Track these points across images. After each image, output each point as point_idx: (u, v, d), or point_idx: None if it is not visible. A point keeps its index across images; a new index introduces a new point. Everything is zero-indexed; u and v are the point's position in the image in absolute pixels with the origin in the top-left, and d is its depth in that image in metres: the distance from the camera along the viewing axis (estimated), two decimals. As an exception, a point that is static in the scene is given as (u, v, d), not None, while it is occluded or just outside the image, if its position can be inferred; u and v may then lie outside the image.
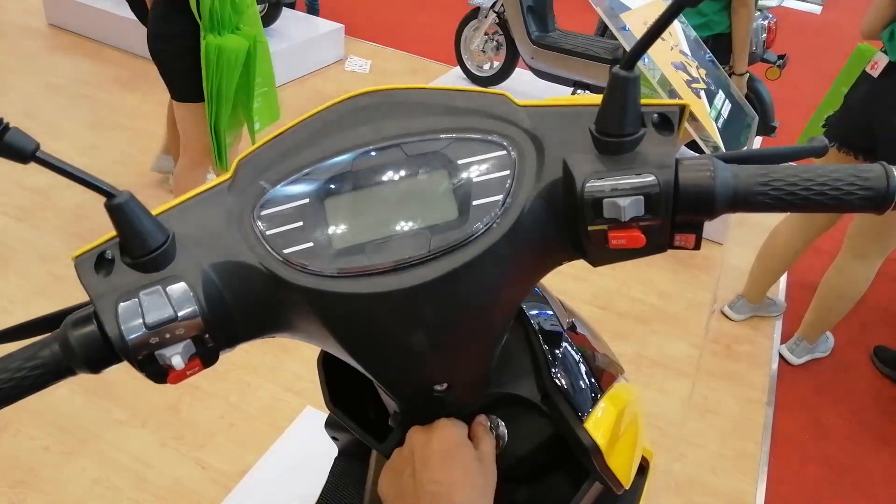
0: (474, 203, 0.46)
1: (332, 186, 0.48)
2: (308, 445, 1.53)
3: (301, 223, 0.47)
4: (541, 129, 0.49)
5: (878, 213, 0.44)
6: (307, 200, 0.48)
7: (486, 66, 3.94)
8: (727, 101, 1.05)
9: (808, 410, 2.29)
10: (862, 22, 1.99)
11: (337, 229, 0.47)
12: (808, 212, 0.46)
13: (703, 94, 0.98)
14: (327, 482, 0.96)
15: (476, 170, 0.47)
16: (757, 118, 1.21)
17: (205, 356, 0.47)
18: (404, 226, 0.46)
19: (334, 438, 0.93)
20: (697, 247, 0.48)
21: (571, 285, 2.68)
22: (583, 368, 0.62)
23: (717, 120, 0.99)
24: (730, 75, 2.57)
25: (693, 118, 1.02)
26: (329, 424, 0.90)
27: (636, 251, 0.47)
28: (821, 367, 2.45)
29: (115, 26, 3.97)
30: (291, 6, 4.40)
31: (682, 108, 0.47)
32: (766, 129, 2.99)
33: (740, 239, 3.06)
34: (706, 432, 2.15)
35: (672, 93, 0.99)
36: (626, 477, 0.64)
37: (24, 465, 1.81)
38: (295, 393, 2.07)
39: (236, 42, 1.93)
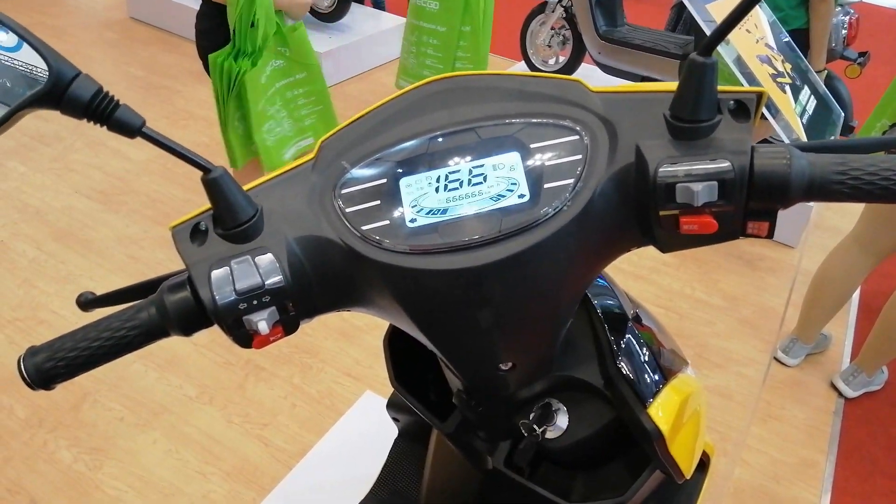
0: (545, 186, 0.47)
1: (408, 167, 0.50)
2: (367, 428, 1.57)
3: (378, 202, 0.49)
4: (614, 115, 0.49)
5: None
6: (384, 181, 0.50)
7: (552, 61, 3.91)
8: (812, 97, 1.02)
9: (878, 422, 2.20)
10: None
11: (411, 208, 0.49)
12: (885, 202, 0.45)
13: (787, 88, 0.95)
14: (387, 462, 0.98)
15: (548, 154, 0.48)
16: (843, 116, 1.17)
17: (287, 324, 0.50)
18: (476, 207, 0.48)
19: (395, 420, 0.95)
20: (770, 235, 0.47)
21: (633, 284, 2.64)
22: (646, 357, 0.62)
23: (801, 116, 0.97)
24: (807, 72, 2.48)
25: (778, 114, 1.00)
26: (391, 405, 0.92)
27: (708, 237, 0.47)
28: (895, 379, 2.34)
29: (192, 20, 4.12)
30: (360, 1, 4.48)
31: (760, 95, 0.47)
32: (844, 128, 2.87)
33: (814, 242, 2.94)
34: (769, 439, 2.09)
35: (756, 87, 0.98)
36: (687, 466, 0.64)
37: (101, 434, 1.92)
38: (354, 378, 2.12)
39: (234, 67, 1.90)
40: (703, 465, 0.84)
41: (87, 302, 0.56)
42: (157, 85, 3.82)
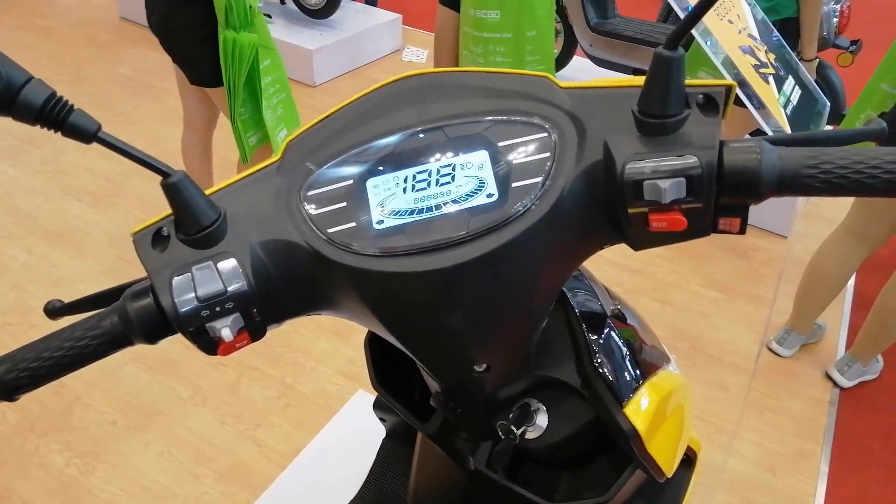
0: (514, 185, 0.46)
1: (375, 168, 0.49)
2: (359, 427, 1.56)
3: (345, 203, 0.48)
4: (582, 111, 0.48)
5: None
6: (351, 182, 0.49)
7: (543, 55, 3.89)
8: (797, 87, 1.01)
9: (874, 412, 2.20)
10: None
11: (378, 209, 0.48)
12: (860, 196, 0.43)
13: (771, 79, 0.94)
14: (375, 463, 0.97)
15: (516, 152, 0.47)
16: (829, 106, 1.16)
17: (253, 330, 0.49)
18: (444, 207, 0.47)
19: (382, 420, 0.94)
20: (742, 231, 0.47)
21: (628, 277, 2.64)
22: (625, 355, 0.62)
23: (785, 106, 0.96)
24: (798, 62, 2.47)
25: (761, 105, 0.99)
26: (377, 406, 0.91)
27: (678, 234, 0.46)
28: (891, 366, 2.34)
29: (181, 19, 4.10)
30: (350, -3, 4.46)
31: (728, 88, 0.46)
32: (836, 117, 2.86)
33: (806, 232, 2.94)
34: (765, 430, 2.09)
35: (738, 77, 0.96)
36: (668, 465, 0.63)
37: (93, 438, 1.91)
38: (348, 377, 2.12)
39: (248, 38, 1.92)
40: (690, 460, 0.84)
41: (54, 310, 0.55)
42: (147, 84, 3.80)
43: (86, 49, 4.19)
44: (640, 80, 0.47)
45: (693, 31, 1.07)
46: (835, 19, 2.72)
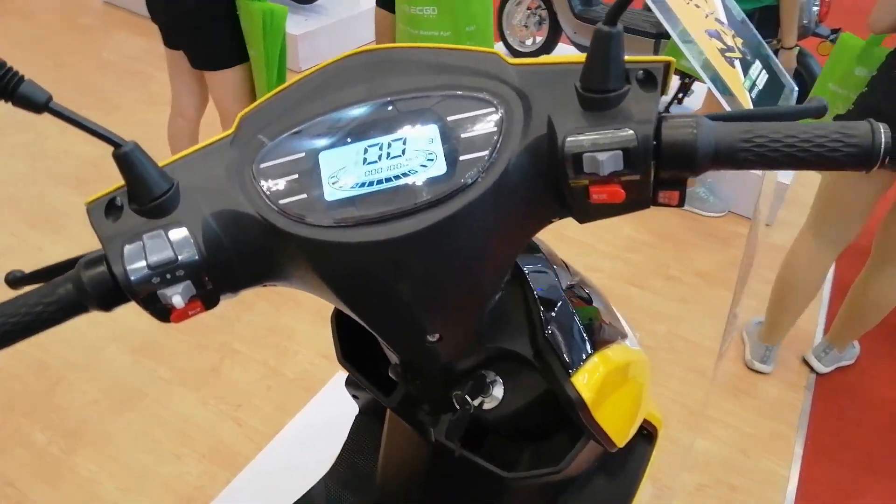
0: (461, 158, 0.48)
1: (327, 141, 0.50)
2: (338, 407, 1.58)
3: (296, 176, 0.49)
4: (529, 87, 0.50)
5: (864, 170, 0.44)
6: (302, 154, 0.50)
7: (529, 42, 3.90)
8: (764, 71, 1.04)
9: (848, 397, 2.24)
10: (872, 15, 1.73)
11: (330, 182, 0.49)
12: (792, 169, 0.45)
13: (737, 63, 0.96)
14: (347, 439, 0.99)
15: (464, 126, 0.49)
16: (796, 90, 1.18)
17: (205, 298, 0.50)
18: (394, 180, 0.48)
19: (355, 397, 0.95)
20: (681, 204, 0.48)
21: (608, 263, 2.66)
22: (577, 328, 0.63)
23: (751, 90, 0.98)
24: (777, 50, 2.48)
25: (728, 92, 1.01)
26: (349, 383, 0.92)
27: (618, 206, 0.48)
28: (867, 352, 2.38)
29: (166, 3, 4.07)
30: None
31: (667, 64, 0.47)
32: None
33: (785, 219, 2.98)
34: (739, 413, 2.12)
35: (705, 62, 0.98)
36: (618, 435, 0.65)
37: (75, 418, 1.92)
38: (329, 359, 2.13)
39: (281, 8, 1.96)
40: (651, 435, 0.86)
41: (15, 280, 0.56)
42: (131, 70, 3.78)
43: (67, 34, 4.15)
44: (584, 56, 0.48)
45: (661, 19, 1.09)
46: (815, 8, 2.75)
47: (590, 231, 2.83)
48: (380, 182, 0.48)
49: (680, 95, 3.21)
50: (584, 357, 0.61)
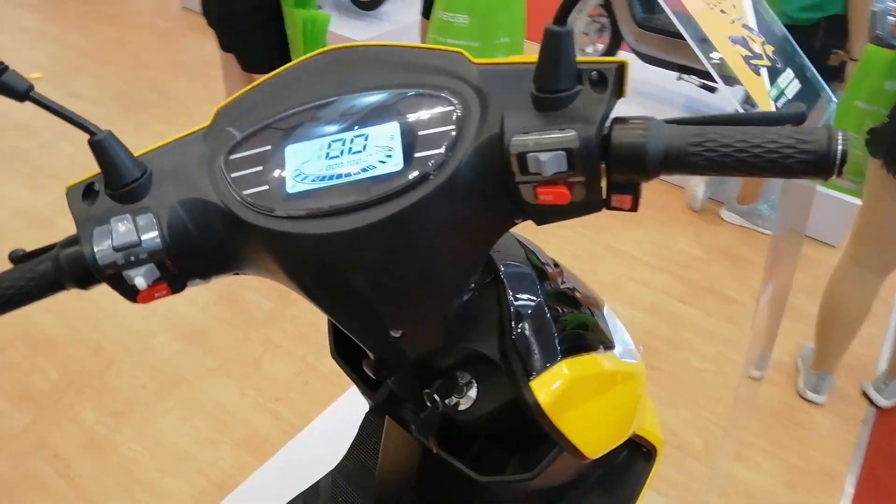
0: (417, 155, 0.49)
1: (292, 135, 0.52)
2: (364, 404, 1.60)
3: (261, 168, 0.51)
4: (488, 86, 0.50)
5: (820, 178, 0.41)
6: (269, 147, 0.52)
7: (590, 50, 3.85)
8: (795, 80, 0.98)
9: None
10: None
11: (291, 174, 0.51)
12: (744, 176, 0.44)
13: (763, 71, 0.91)
14: (356, 436, 1.00)
15: (423, 123, 0.50)
16: (835, 101, 1.11)
17: (171, 281, 0.53)
18: (353, 173, 0.49)
19: (366, 395, 0.97)
20: (634, 209, 0.48)
21: (663, 279, 2.59)
22: (550, 332, 0.62)
23: (777, 99, 0.93)
24: (844, 62, 2.35)
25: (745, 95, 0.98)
26: None
27: (568, 208, 0.48)
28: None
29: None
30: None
31: (621, 65, 0.47)
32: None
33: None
34: (788, 444, 2.01)
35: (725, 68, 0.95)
36: (588, 446, 0.63)
37: (123, 399, 2.02)
38: (366, 358, 2.16)
39: (324, 15, 2.01)
40: (649, 454, 0.83)
41: (17, 258, 0.60)
42: (202, 72, 3.95)
43: (147, 36, 4.38)
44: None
45: (676, 23, 1.06)
46: (890, 17, 2.59)
47: (640, 243, 2.76)
48: (339, 176, 0.49)
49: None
50: (550, 362, 0.60)
